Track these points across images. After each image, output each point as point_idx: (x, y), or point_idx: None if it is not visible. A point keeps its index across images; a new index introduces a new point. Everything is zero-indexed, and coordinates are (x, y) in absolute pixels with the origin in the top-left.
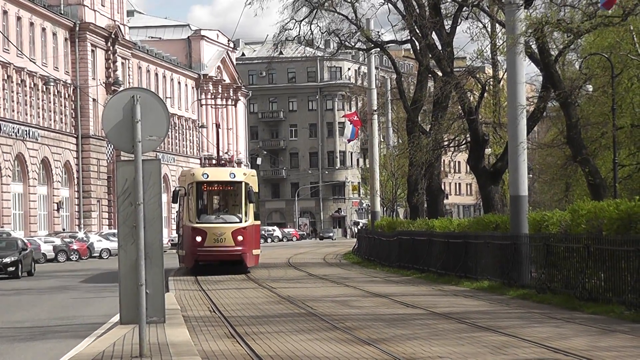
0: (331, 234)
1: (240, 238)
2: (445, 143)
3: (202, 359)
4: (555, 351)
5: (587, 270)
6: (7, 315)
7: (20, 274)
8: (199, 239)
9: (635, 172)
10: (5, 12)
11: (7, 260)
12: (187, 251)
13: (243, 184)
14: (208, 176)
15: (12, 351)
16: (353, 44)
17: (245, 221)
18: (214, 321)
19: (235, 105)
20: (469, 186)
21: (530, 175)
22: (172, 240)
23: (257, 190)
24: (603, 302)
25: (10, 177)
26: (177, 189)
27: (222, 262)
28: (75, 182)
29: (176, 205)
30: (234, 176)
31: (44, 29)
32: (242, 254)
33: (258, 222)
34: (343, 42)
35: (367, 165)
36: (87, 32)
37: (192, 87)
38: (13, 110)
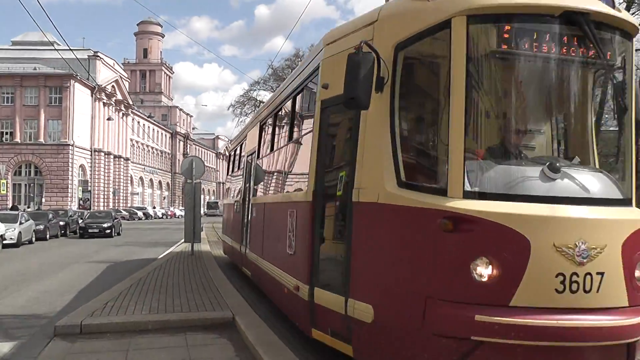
0: None
1: None
2: None
3: (215, 257)
4: None
5: None
6: (139, 238)
7: (113, 234)
8: (484, 271)
9: None
10: (142, 125)
11: (105, 225)
12: (410, 322)
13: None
14: None
15: (141, 252)
16: None
17: None
18: (220, 243)
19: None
20: None
21: None
22: (205, 212)
23: None
24: None
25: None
26: (358, 54)
27: None
28: (170, 190)
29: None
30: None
31: (159, 132)
32: None
33: None
34: None
35: None
36: (177, 135)
37: (215, 157)
38: (150, 163)
